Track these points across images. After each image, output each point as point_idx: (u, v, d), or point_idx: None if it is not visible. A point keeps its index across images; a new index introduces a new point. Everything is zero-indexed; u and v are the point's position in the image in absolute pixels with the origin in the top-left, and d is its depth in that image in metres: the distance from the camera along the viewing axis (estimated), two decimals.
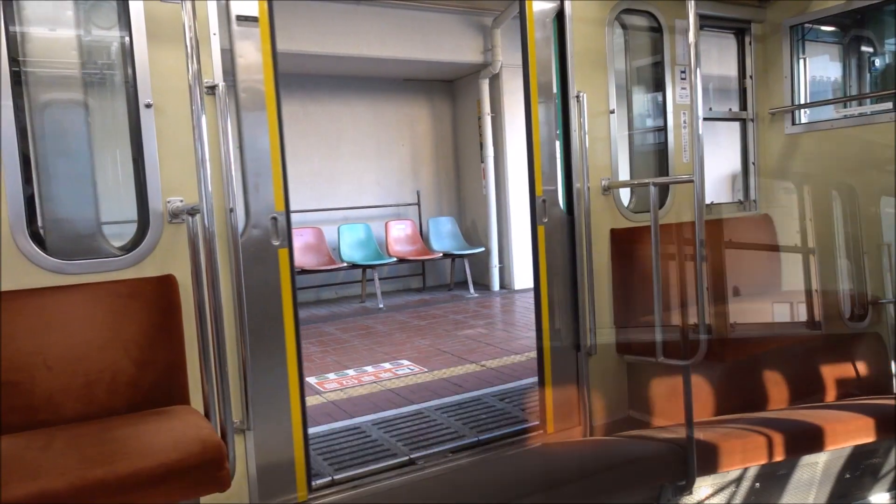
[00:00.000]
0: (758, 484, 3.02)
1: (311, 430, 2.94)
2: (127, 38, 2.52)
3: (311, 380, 5.07)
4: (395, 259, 8.81)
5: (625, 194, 3.75)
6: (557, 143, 3.59)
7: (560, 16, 3.51)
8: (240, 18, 2.71)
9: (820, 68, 4.33)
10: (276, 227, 2.82)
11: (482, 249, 9.26)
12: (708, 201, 4.16)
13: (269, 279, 2.81)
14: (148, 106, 2.51)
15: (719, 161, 4.53)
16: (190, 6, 2.14)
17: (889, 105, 3.74)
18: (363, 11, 7.78)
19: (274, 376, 2.84)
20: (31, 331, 2.26)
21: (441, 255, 9.10)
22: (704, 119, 3.25)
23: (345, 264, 8.61)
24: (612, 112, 3.65)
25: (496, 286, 9.31)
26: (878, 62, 4.17)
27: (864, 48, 4.23)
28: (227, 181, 2.65)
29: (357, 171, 9.47)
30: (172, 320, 2.48)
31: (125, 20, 2.51)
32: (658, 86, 3.96)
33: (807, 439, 3.26)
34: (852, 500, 2.82)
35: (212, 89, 2.62)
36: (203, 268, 2.28)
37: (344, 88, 9.22)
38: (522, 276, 9.04)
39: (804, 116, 4.17)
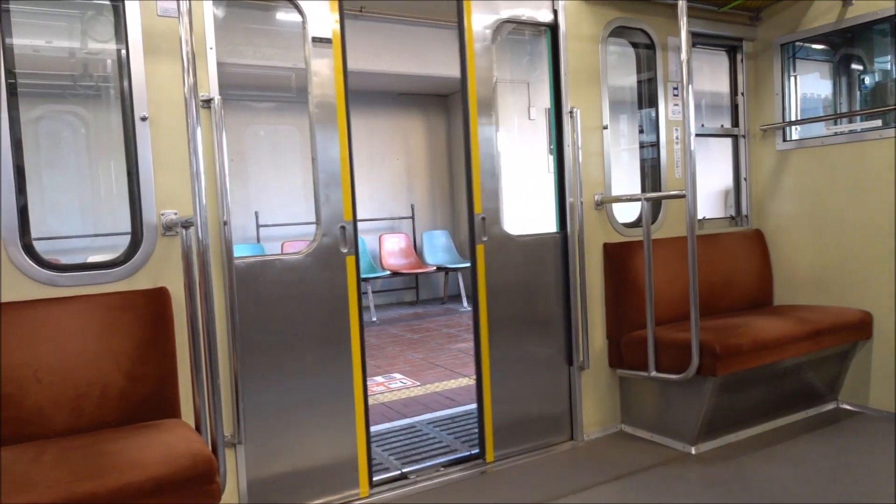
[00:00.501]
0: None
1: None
2: (123, 52, 2.53)
3: None
4: (388, 272, 8.81)
5: (618, 209, 3.77)
6: (551, 158, 3.62)
7: (554, 32, 3.54)
8: (315, 40, 2.93)
9: (810, 86, 4.38)
10: (345, 235, 2.99)
11: None
12: (700, 216, 4.18)
13: (337, 284, 2.99)
14: (143, 119, 2.52)
15: (711, 177, 4.57)
16: (187, 20, 2.15)
17: (878, 122, 3.78)
18: (358, 26, 7.83)
19: (340, 377, 3.00)
20: (22, 343, 2.25)
21: (435, 268, 9.11)
22: (697, 135, 3.28)
23: None
24: (606, 128, 3.68)
25: None
26: (867, 80, 4.22)
27: (854, 66, 4.28)
28: (221, 194, 2.66)
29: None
30: (164, 333, 2.48)
31: (122, 34, 2.52)
32: (651, 102, 4.00)
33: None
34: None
35: (207, 102, 2.63)
36: (196, 281, 2.28)
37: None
38: None
39: (795, 133, 4.21)
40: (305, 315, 2.92)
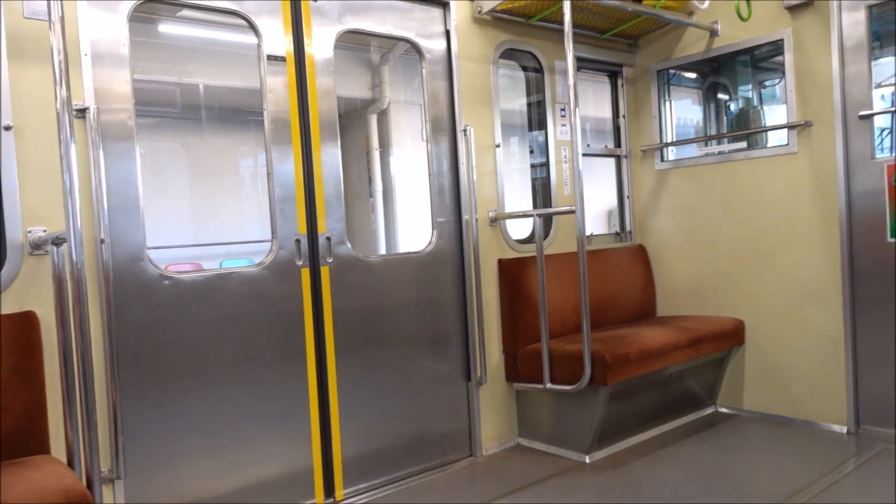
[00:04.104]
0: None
1: None
2: None
3: None
4: None
5: (512, 226, 3.85)
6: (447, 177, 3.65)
7: (447, 53, 3.60)
8: (270, 58, 2.97)
9: (684, 110, 4.70)
10: (300, 248, 3.05)
11: None
12: (588, 233, 4.35)
13: (293, 296, 3.02)
14: (7, 128, 2.32)
15: (597, 195, 4.77)
16: (59, 28, 2.00)
17: (744, 144, 4.10)
18: None
19: (294, 387, 3.01)
20: None
21: None
22: (583, 155, 3.42)
23: None
24: (498, 146, 3.77)
25: None
26: (732, 106, 4.57)
27: (720, 94, 4.63)
28: (97, 210, 2.49)
29: (240, 206, 9.16)
30: (32, 362, 2.26)
31: None
32: (540, 123, 4.13)
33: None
34: None
35: (82, 112, 2.46)
36: (70, 303, 2.11)
37: (227, 121, 8.97)
38: None
39: (671, 154, 4.49)
40: (262, 329, 2.92)
